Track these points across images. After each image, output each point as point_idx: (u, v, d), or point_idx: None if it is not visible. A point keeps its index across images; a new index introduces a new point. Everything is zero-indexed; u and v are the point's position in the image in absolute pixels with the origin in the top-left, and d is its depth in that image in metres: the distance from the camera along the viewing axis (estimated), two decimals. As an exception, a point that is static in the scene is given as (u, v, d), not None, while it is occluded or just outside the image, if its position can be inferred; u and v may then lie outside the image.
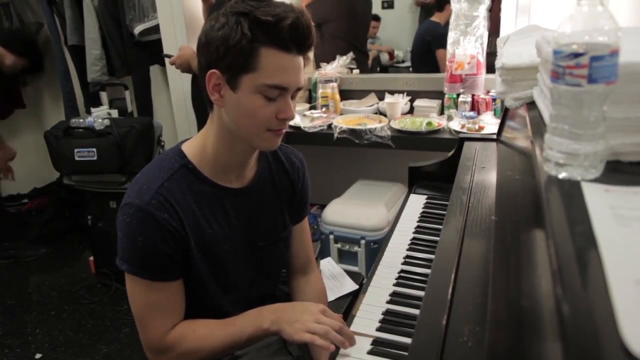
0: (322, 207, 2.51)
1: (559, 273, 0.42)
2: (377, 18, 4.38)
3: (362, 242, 2.26)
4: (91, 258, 2.82)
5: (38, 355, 2.23)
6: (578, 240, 0.46)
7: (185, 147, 1.03)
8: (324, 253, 2.35)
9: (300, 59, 0.93)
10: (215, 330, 1.01)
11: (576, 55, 0.54)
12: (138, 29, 2.86)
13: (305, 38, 0.90)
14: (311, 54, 1.00)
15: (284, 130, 0.99)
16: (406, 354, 0.90)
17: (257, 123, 0.94)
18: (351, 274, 1.60)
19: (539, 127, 0.83)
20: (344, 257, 2.34)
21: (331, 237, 2.34)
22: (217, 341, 1.00)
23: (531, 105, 0.99)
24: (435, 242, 1.22)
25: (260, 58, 0.88)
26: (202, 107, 2.22)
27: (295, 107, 0.98)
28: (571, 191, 0.57)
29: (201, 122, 2.27)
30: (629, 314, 0.35)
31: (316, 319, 0.95)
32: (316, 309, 0.98)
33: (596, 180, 0.59)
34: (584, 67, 0.54)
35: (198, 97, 2.28)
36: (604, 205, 0.52)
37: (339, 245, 2.34)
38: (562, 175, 0.60)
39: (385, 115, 2.48)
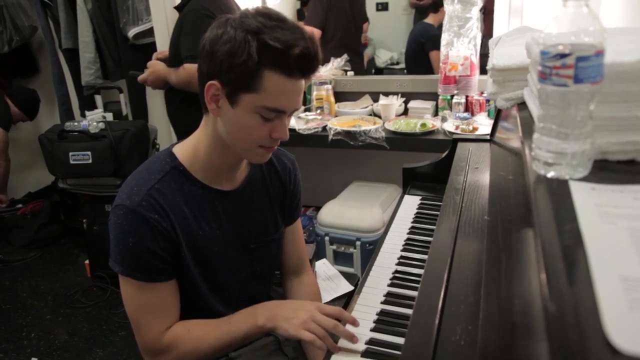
0: (318, 208, 2.52)
1: (545, 270, 0.43)
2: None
3: (358, 243, 2.27)
4: (86, 261, 2.82)
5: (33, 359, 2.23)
6: (565, 238, 0.47)
7: (177, 150, 1.04)
8: (319, 254, 2.36)
9: (302, 82, 0.93)
10: (211, 330, 1.01)
11: (562, 55, 0.55)
12: (132, 32, 2.86)
13: (312, 66, 0.91)
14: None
15: (276, 147, 1.01)
16: (400, 353, 0.91)
17: (251, 139, 0.95)
18: (347, 275, 1.61)
19: (529, 128, 0.84)
20: (340, 258, 2.34)
21: (326, 238, 2.34)
22: (213, 340, 1.00)
23: (522, 105, 1.00)
24: (429, 242, 1.22)
25: (263, 81, 0.87)
26: (180, 122, 2.10)
27: (289, 124, 0.99)
28: (559, 190, 0.58)
29: (180, 137, 2.18)
30: (613, 309, 0.36)
31: (312, 316, 0.95)
32: (312, 306, 0.98)
33: (584, 179, 0.60)
34: (570, 67, 0.55)
35: (175, 112, 2.17)
36: (591, 203, 0.53)
37: (334, 247, 2.34)
38: (550, 174, 0.61)
39: (379, 117, 2.49)
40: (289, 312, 0.97)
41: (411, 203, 1.53)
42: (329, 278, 1.60)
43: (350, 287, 1.59)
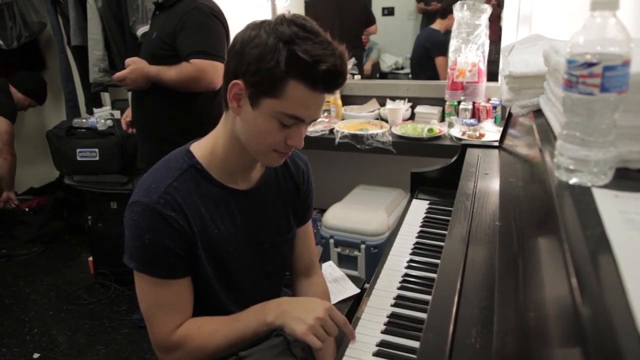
0: (323, 211, 2.53)
1: (575, 274, 0.44)
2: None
3: (362, 246, 2.27)
4: (90, 258, 2.81)
5: (36, 355, 2.23)
6: (592, 242, 0.48)
7: (194, 148, 1.04)
8: (324, 257, 2.37)
9: (325, 96, 0.94)
10: (221, 327, 1.01)
11: (589, 64, 0.56)
12: (141, 31, 2.86)
13: (336, 83, 0.91)
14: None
15: (290, 153, 1.01)
16: (411, 356, 0.92)
17: (266, 143, 0.96)
18: (351, 278, 1.61)
19: (546, 134, 0.85)
20: (344, 261, 2.35)
21: (331, 241, 2.35)
22: (222, 338, 1.00)
23: (537, 112, 1.01)
24: (439, 246, 1.23)
25: (287, 88, 0.88)
26: (158, 125, 1.96)
27: (305, 134, 0.99)
28: (582, 196, 0.59)
29: (152, 144, 2.01)
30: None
31: (322, 320, 0.94)
32: (322, 308, 0.96)
33: (605, 186, 0.61)
34: (596, 76, 0.56)
35: (153, 114, 2.00)
36: (615, 210, 0.54)
37: (339, 250, 2.35)
38: (572, 180, 0.62)
39: (386, 121, 2.50)
40: (299, 312, 0.96)
41: (419, 207, 1.54)
42: (335, 280, 1.61)
43: (357, 290, 1.59)
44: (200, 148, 1.04)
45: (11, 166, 3.14)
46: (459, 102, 2.43)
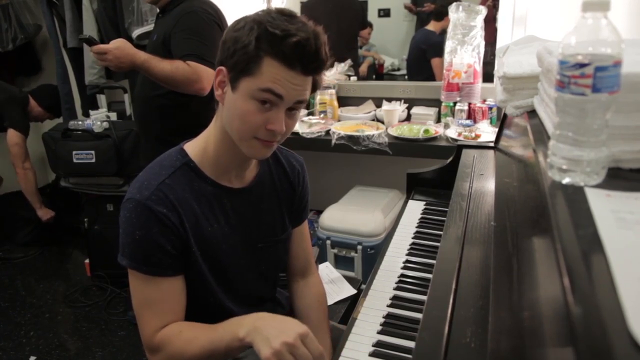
0: (319, 212, 2.53)
1: (567, 273, 0.44)
2: (370, 25, 4.44)
3: (359, 247, 2.28)
4: (87, 261, 2.81)
5: (32, 358, 2.22)
6: (584, 242, 0.48)
7: (187, 147, 1.05)
8: (321, 258, 2.37)
9: (305, 79, 0.93)
10: (199, 335, 0.97)
11: (581, 65, 0.56)
12: (136, 33, 2.86)
13: (310, 60, 0.90)
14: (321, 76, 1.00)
15: (274, 144, 0.99)
16: (407, 356, 0.92)
17: (245, 128, 0.94)
18: (348, 279, 1.62)
19: (540, 135, 0.85)
20: (341, 262, 2.35)
21: (328, 242, 2.35)
22: (199, 346, 0.95)
23: (531, 113, 1.02)
24: (435, 247, 1.24)
25: (262, 66, 0.89)
26: (165, 124, 1.94)
27: (294, 124, 0.99)
28: (574, 196, 0.59)
29: (153, 143, 1.98)
30: (637, 310, 0.37)
31: (291, 345, 0.84)
32: (295, 333, 0.85)
33: (598, 185, 0.61)
34: (588, 77, 0.56)
35: (158, 113, 1.96)
36: (607, 209, 0.54)
37: (335, 251, 2.35)
38: (565, 180, 0.62)
39: (382, 122, 2.51)
40: (269, 331, 0.86)
41: (415, 208, 1.55)
42: (331, 281, 1.61)
43: (353, 291, 1.59)
44: (193, 146, 1.05)
45: (25, 180, 2.97)
46: (455, 103, 2.44)
